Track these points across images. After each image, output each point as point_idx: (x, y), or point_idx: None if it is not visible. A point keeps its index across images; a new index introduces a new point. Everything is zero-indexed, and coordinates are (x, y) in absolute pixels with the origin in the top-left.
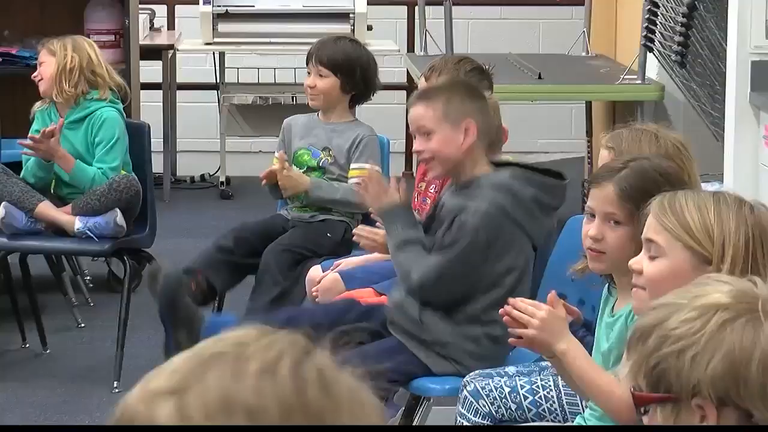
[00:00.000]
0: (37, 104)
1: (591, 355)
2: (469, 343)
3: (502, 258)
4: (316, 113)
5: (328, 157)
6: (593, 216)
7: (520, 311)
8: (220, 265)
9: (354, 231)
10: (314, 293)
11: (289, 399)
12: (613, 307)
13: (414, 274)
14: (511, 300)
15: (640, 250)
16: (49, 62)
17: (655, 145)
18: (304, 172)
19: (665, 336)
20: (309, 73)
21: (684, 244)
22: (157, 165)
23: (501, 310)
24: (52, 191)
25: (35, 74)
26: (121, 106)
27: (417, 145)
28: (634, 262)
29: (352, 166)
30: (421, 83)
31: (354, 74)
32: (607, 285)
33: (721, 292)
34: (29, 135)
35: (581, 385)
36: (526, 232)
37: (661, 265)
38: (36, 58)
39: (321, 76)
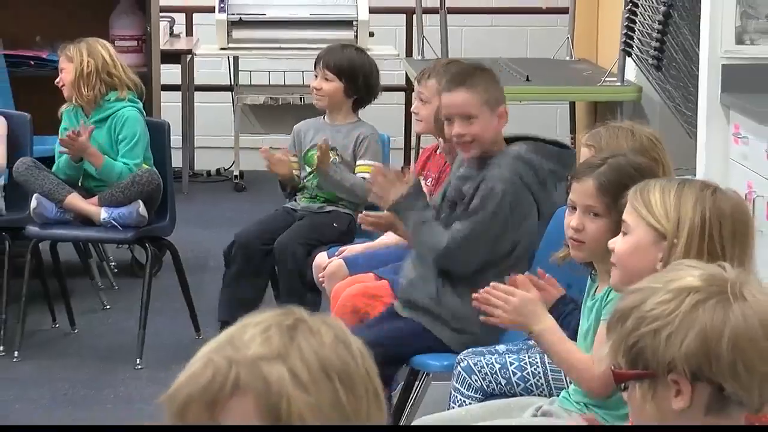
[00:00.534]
0: (65, 105)
1: (578, 332)
2: (478, 314)
3: (518, 228)
4: (323, 116)
5: (336, 156)
6: (575, 208)
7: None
8: (242, 303)
9: (360, 217)
10: (320, 278)
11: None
12: (594, 291)
13: (442, 241)
14: (485, 289)
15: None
16: (68, 69)
17: (631, 140)
18: (314, 170)
19: (642, 317)
20: (316, 76)
21: (646, 222)
22: (177, 160)
23: (473, 297)
24: (80, 184)
25: (57, 80)
26: (140, 105)
27: (458, 128)
28: (611, 242)
29: (358, 162)
30: (416, 87)
31: (357, 80)
32: (590, 272)
33: (692, 276)
34: (60, 136)
35: (557, 362)
36: (537, 204)
37: (629, 241)
38: None
39: (327, 79)
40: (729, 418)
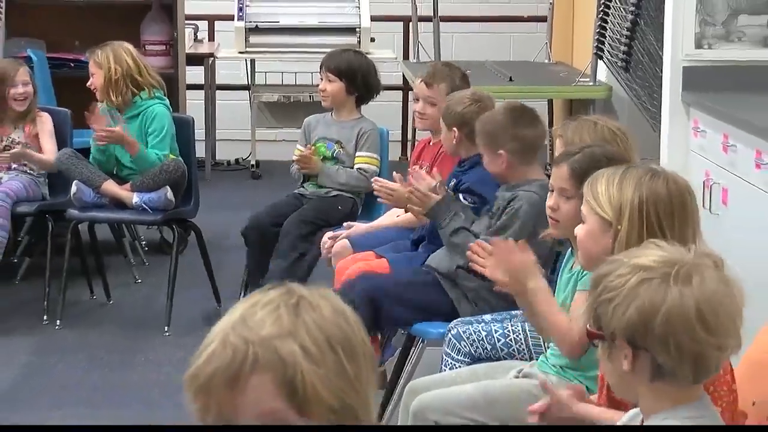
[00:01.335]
0: (100, 105)
1: None
2: (486, 292)
3: (539, 246)
4: (330, 113)
5: (341, 149)
6: (553, 191)
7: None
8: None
9: (374, 184)
10: (328, 255)
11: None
12: (572, 265)
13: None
14: (480, 243)
15: None
16: (99, 74)
17: (593, 131)
18: (320, 161)
19: (605, 286)
20: (321, 79)
21: (594, 211)
22: (200, 151)
23: (470, 249)
24: (114, 172)
25: (89, 83)
26: (167, 101)
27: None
28: (576, 229)
29: (357, 154)
30: (423, 91)
31: (356, 78)
32: (570, 247)
33: (651, 255)
34: (98, 128)
35: (544, 319)
36: None
37: (584, 228)
38: None
39: (330, 81)
40: (675, 384)
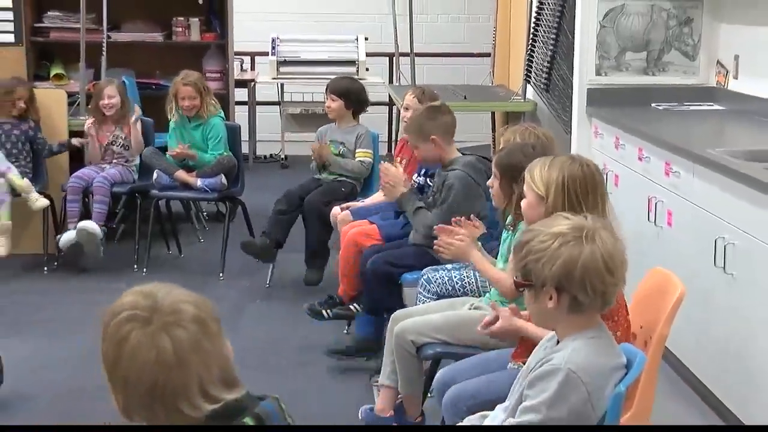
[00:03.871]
0: (172, 117)
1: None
2: None
3: (472, 205)
4: (334, 123)
5: (344, 148)
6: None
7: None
8: (282, 223)
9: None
10: (335, 220)
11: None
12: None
13: (429, 223)
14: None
15: (509, 197)
16: (198, 98)
17: (517, 134)
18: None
19: (530, 249)
20: (326, 99)
21: (531, 189)
22: (245, 148)
23: (438, 233)
24: (184, 164)
25: (189, 104)
26: (223, 113)
27: (416, 153)
28: (522, 202)
29: (357, 150)
30: (412, 99)
31: (351, 97)
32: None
33: (563, 225)
34: (169, 136)
35: (486, 277)
36: (484, 190)
37: (525, 202)
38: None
39: (333, 100)
40: (583, 315)
